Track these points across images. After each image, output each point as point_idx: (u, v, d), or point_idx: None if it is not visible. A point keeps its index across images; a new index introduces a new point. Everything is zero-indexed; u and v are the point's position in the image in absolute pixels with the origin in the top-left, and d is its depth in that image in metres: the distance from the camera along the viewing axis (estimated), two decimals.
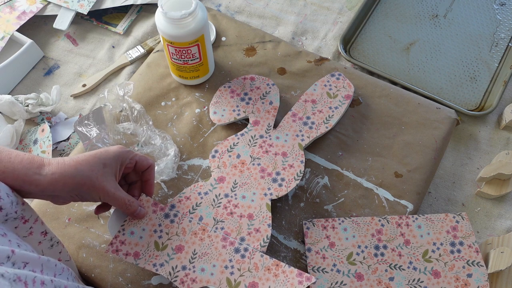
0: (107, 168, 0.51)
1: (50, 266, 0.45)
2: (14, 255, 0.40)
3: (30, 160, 0.47)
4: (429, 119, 0.69)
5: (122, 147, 0.54)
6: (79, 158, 0.50)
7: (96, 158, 0.50)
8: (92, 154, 0.51)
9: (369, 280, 0.57)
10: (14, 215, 0.45)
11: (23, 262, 0.41)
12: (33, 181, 0.46)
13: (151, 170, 0.57)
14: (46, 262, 0.44)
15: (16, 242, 0.43)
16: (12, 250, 0.40)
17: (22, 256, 0.41)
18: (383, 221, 0.60)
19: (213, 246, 0.57)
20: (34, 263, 0.42)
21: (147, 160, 0.56)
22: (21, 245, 0.43)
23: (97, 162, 0.50)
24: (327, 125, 0.67)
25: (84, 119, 0.68)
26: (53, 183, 0.47)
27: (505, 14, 0.85)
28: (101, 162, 0.50)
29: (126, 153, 0.53)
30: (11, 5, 0.86)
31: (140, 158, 0.55)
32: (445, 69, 0.80)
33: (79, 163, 0.49)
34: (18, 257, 0.40)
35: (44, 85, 0.82)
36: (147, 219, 0.59)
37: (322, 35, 0.85)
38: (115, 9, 0.89)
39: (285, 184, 0.61)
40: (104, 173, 0.50)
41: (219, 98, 0.70)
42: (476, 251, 0.58)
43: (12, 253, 0.39)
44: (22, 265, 0.41)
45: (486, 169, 0.67)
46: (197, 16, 0.63)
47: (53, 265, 0.45)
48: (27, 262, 0.41)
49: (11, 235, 0.44)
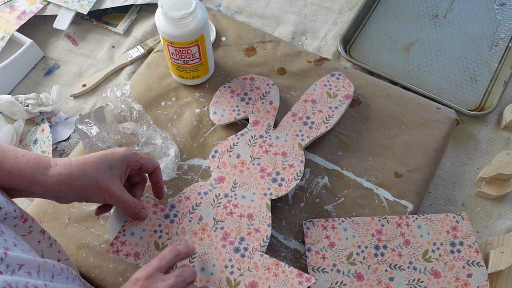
0: (113, 170, 0.51)
1: (48, 267, 0.44)
2: (7, 257, 0.39)
3: (37, 160, 0.47)
4: (429, 119, 0.69)
5: (128, 149, 0.53)
6: (86, 159, 0.50)
7: (102, 160, 0.50)
8: (98, 155, 0.50)
9: (369, 280, 0.57)
10: (13, 214, 0.45)
11: (18, 264, 0.40)
12: (40, 182, 0.46)
13: (157, 172, 0.57)
14: (43, 264, 0.44)
15: (13, 241, 0.42)
16: (4, 253, 0.39)
17: (16, 258, 0.40)
18: (383, 221, 0.60)
19: (213, 245, 0.57)
20: (30, 264, 0.42)
21: (152, 163, 0.56)
22: (18, 244, 0.43)
23: (104, 164, 0.50)
24: (327, 125, 0.67)
25: (85, 117, 0.68)
26: (60, 184, 0.47)
27: (505, 14, 0.85)
28: (107, 164, 0.50)
29: (132, 156, 0.53)
30: (11, 5, 0.86)
31: (145, 161, 0.55)
32: (445, 69, 0.80)
33: (86, 164, 0.49)
34: (12, 259, 0.40)
35: (44, 85, 0.82)
36: (147, 219, 0.59)
37: (322, 35, 0.85)
38: (115, 9, 0.89)
39: (285, 184, 0.61)
40: (110, 175, 0.50)
41: (219, 98, 0.70)
42: (476, 251, 0.58)
43: (5, 255, 0.39)
44: (17, 267, 0.40)
45: (486, 169, 0.67)
46: (197, 16, 0.63)
47: (51, 266, 0.45)
48: (22, 264, 0.41)
49: (9, 233, 0.43)
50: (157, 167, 0.56)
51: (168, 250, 0.52)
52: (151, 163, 0.56)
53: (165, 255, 0.51)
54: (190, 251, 0.54)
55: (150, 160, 0.56)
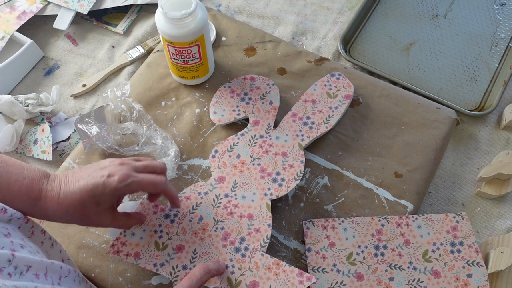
0: (100, 206, 0.49)
1: (55, 269, 0.44)
2: (15, 259, 0.39)
3: (29, 189, 0.46)
4: (429, 119, 0.69)
5: (125, 176, 0.49)
6: (73, 195, 0.47)
7: (90, 196, 0.48)
8: (88, 189, 0.48)
9: (369, 280, 0.57)
10: (17, 215, 0.45)
11: (26, 266, 0.40)
12: (30, 213, 0.47)
13: (166, 192, 0.54)
14: (50, 265, 0.44)
15: (20, 242, 0.43)
16: (12, 254, 0.39)
17: (24, 259, 0.40)
18: (383, 221, 0.60)
19: (214, 245, 0.57)
20: (37, 266, 0.42)
21: (155, 188, 0.52)
22: (25, 246, 0.43)
23: (91, 201, 0.48)
24: (327, 125, 0.67)
25: (85, 117, 0.68)
26: (47, 217, 0.48)
27: (505, 14, 0.85)
28: (95, 201, 0.48)
29: (126, 188, 0.49)
30: (11, 5, 0.86)
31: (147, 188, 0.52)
32: (445, 69, 0.80)
33: (71, 204, 0.47)
34: (19, 261, 0.40)
35: (44, 85, 0.82)
36: (147, 219, 0.59)
37: (322, 35, 0.85)
38: (115, 9, 0.89)
39: (285, 184, 0.61)
40: (97, 211, 0.49)
41: (219, 98, 0.70)
42: (476, 251, 0.58)
43: (12, 256, 0.39)
44: (25, 268, 0.40)
45: (486, 169, 0.67)
46: (197, 16, 0.63)
47: (58, 268, 0.45)
48: (30, 266, 0.41)
49: (16, 234, 0.43)
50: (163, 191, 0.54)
51: (198, 268, 0.51)
52: (153, 188, 0.52)
53: (195, 274, 0.50)
54: (220, 267, 0.54)
55: (153, 184, 0.52)
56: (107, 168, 0.50)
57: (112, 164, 0.51)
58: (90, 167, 0.51)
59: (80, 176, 0.49)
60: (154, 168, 0.53)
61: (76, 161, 0.67)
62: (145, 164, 0.53)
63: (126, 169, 0.50)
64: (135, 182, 0.50)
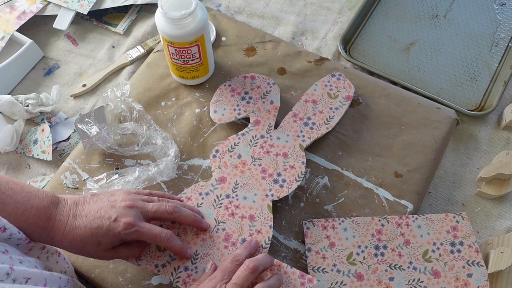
0: (101, 246, 0.49)
1: (54, 279, 0.45)
2: (13, 272, 0.40)
3: (36, 218, 0.47)
4: (429, 119, 0.69)
5: (131, 224, 0.49)
6: (78, 230, 0.48)
7: (92, 236, 0.48)
8: (93, 228, 0.48)
9: (369, 280, 0.57)
10: (18, 235, 0.45)
11: (25, 278, 0.41)
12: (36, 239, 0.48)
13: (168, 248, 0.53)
14: (49, 276, 0.44)
15: (18, 258, 0.43)
16: (11, 267, 0.39)
17: (22, 272, 0.41)
18: (383, 221, 0.60)
19: (215, 246, 0.57)
20: (36, 278, 0.42)
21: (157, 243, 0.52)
22: (24, 261, 0.43)
23: (92, 241, 0.48)
24: (327, 126, 0.67)
25: (85, 117, 0.68)
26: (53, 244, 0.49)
27: (505, 14, 0.86)
28: (96, 241, 0.49)
29: (127, 236, 0.50)
30: (11, 5, 0.86)
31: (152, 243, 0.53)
32: (445, 69, 0.80)
33: (74, 238, 0.48)
34: (18, 273, 0.40)
35: (44, 85, 0.81)
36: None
37: (322, 35, 0.85)
38: (115, 9, 0.89)
39: (286, 185, 0.61)
40: (97, 250, 0.49)
41: (219, 97, 0.70)
42: (476, 251, 0.58)
43: (11, 269, 0.39)
44: (23, 281, 0.41)
45: (486, 169, 0.67)
46: (197, 16, 0.63)
47: (57, 278, 0.46)
48: (29, 278, 0.41)
49: (14, 251, 0.44)
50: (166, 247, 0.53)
51: (229, 261, 0.51)
52: (156, 243, 0.52)
53: (227, 266, 0.51)
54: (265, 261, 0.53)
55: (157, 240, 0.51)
56: (115, 208, 0.50)
57: (122, 204, 0.50)
58: (102, 198, 0.51)
59: (89, 210, 0.49)
60: (163, 213, 0.53)
61: (76, 161, 0.67)
62: (154, 210, 0.52)
63: (133, 215, 0.50)
64: (139, 232, 0.50)
